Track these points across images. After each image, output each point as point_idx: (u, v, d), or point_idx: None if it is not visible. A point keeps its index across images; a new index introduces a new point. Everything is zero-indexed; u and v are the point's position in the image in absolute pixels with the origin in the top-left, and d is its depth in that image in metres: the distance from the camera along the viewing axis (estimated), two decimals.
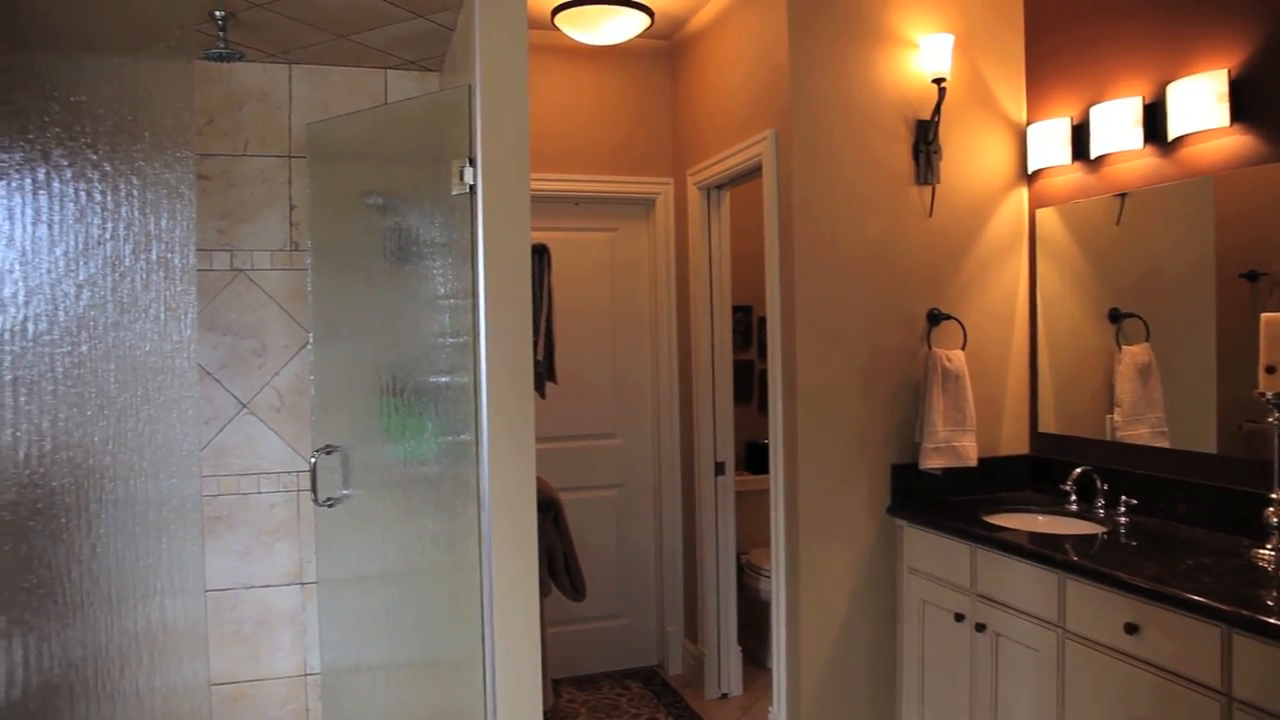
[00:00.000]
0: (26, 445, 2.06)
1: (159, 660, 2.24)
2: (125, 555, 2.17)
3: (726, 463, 4.16)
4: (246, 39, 3.04)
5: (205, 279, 3.18)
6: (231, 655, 3.28)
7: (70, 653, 2.11)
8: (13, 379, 2.04)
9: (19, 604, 2.05)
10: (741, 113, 3.63)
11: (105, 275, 2.14)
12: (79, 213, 2.12)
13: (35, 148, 2.09)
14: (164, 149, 2.26)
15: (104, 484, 2.15)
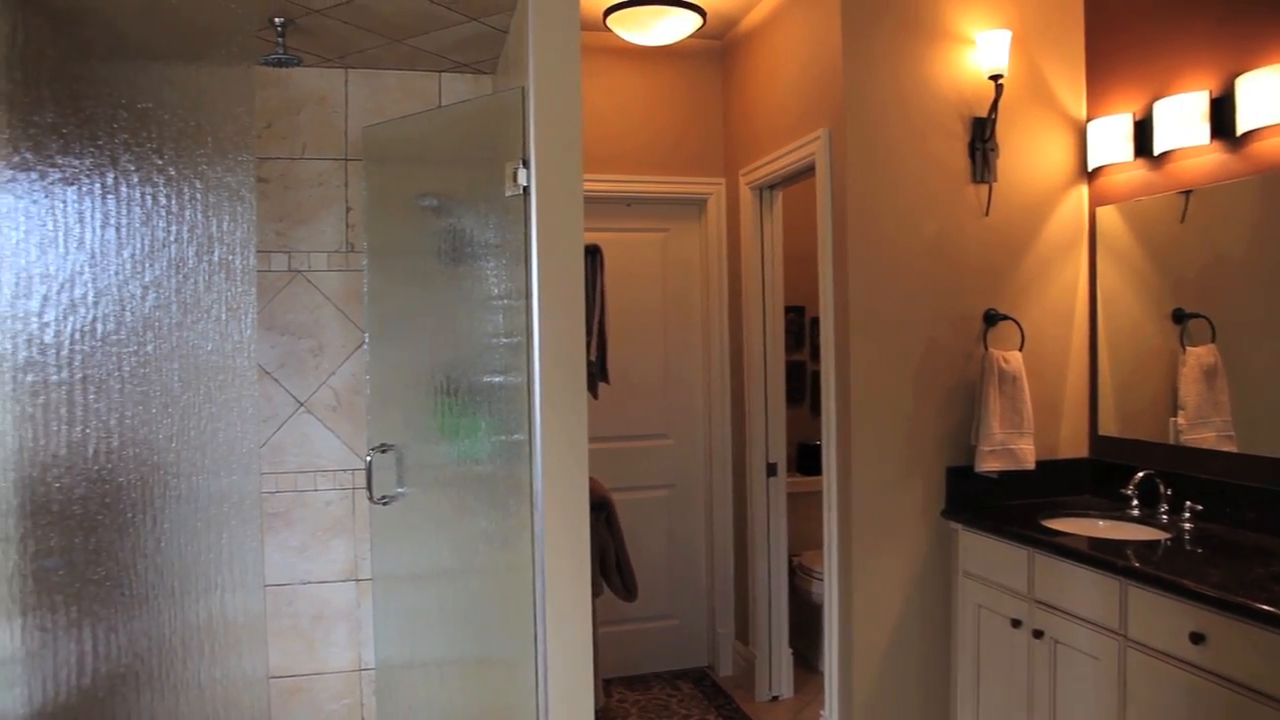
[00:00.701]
0: (95, 442, 2.12)
1: (220, 653, 2.29)
2: (188, 550, 2.22)
3: (778, 464, 4.13)
4: (305, 44, 3.09)
5: (264, 280, 3.24)
6: (289, 649, 3.34)
7: (136, 643, 2.17)
8: (83, 377, 2.11)
9: (88, 595, 2.11)
10: (794, 112, 3.61)
11: (170, 277, 2.20)
12: (145, 216, 2.18)
13: (104, 153, 2.15)
14: (226, 153, 2.31)
15: (168, 480, 2.20)
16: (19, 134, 2.12)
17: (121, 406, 2.13)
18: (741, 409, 4.28)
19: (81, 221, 2.12)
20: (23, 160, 2.10)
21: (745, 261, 4.17)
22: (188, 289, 2.21)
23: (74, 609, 2.08)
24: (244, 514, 2.31)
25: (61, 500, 2.09)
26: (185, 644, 2.23)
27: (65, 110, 2.16)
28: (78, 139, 2.12)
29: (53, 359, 2.07)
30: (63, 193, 2.11)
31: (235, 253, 2.27)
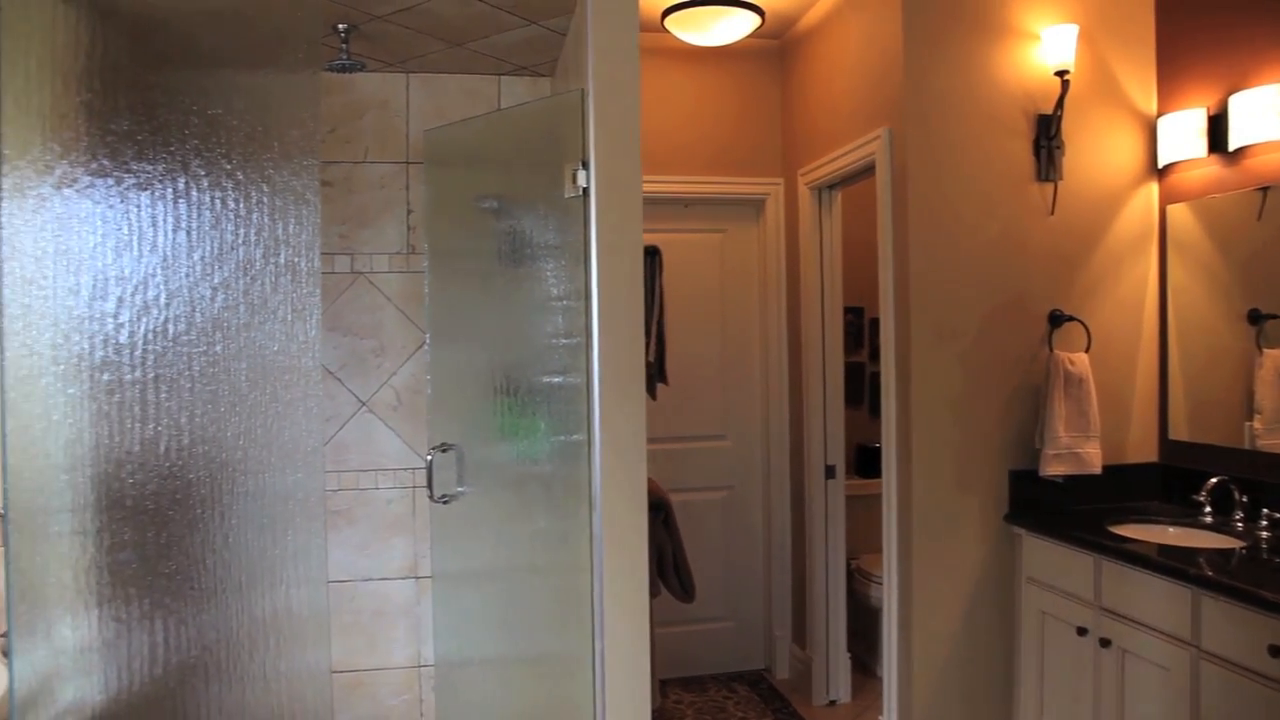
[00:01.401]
0: (167, 439, 2.19)
1: (285, 647, 2.34)
2: (254, 545, 2.27)
3: (837, 466, 4.09)
4: (367, 50, 3.15)
5: (327, 281, 3.30)
6: (350, 645, 3.40)
7: (205, 635, 2.22)
8: (155, 376, 2.17)
9: (160, 588, 2.18)
10: (854, 111, 3.57)
11: (238, 278, 2.25)
12: (214, 219, 2.23)
13: (176, 159, 2.21)
14: (291, 157, 2.36)
15: (235, 477, 2.26)
16: (96, 141, 2.20)
17: (191, 405, 2.19)
18: (799, 411, 4.25)
19: (155, 225, 2.18)
20: (100, 166, 2.18)
21: (804, 262, 4.14)
22: (255, 290, 2.27)
23: (146, 601, 2.15)
24: (308, 511, 2.36)
25: (135, 496, 2.16)
26: (252, 637, 2.29)
27: (140, 118, 2.23)
28: (151, 145, 2.19)
29: (127, 359, 2.14)
30: (137, 198, 2.18)
31: (300, 255, 2.31)
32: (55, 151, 2.12)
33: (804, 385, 4.18)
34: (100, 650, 2.09)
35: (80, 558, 2.09)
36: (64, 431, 2.09)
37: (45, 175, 2.09)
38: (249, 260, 2.26)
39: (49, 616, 2.04)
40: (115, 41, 2.26)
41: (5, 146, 2.00)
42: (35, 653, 2.00)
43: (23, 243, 2.04)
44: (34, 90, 2.07)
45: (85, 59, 2.19)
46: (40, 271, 2.07)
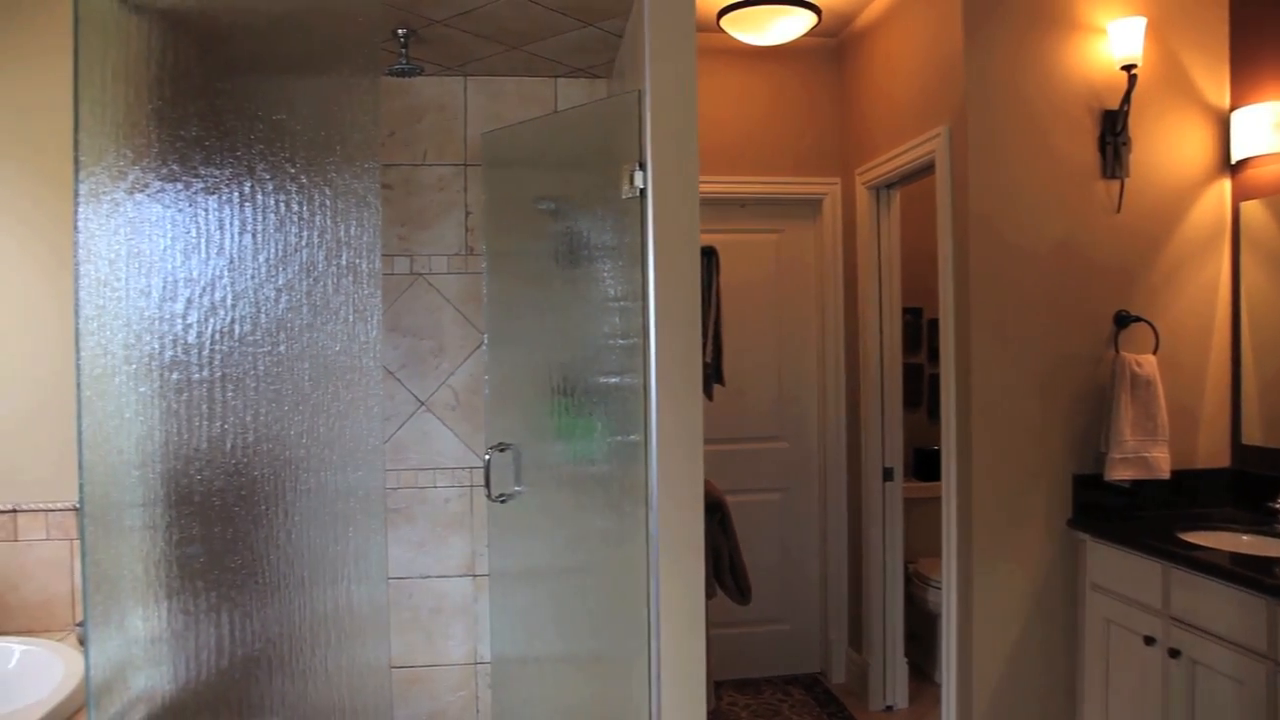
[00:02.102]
0: (233, 437, 2.24)
1: (346, 642, 2.38)
2: (317, 542, 2.31)
3: (895, 468, 4.04)
4: (426, 54, 3.19)
5: (387, 282, 3.35)
6: (408, 641, 3.44)
7: (269, 629, 2.27)
8: (222, 376, 2.22)
9: (226, 582, 2.23)
10: (912, 109, 3.52)
11: (301, 280, 2.30)
12: (279, 222, 2.28)
13: (242, 164, 2.26)
14: (353, 161, 2.40)
15: (298, 475, 2.30)
16: (167, 147, 2.26)
17: (256, 404, 2.24)
18: (857, 412, 4.21)
19: (222, 228, 2.24)
20: (170, 172, 2.24)
21: (861, 262, 4.10)
22: (318, 292, 2.31)
23: (213, 594, 2.20)
24: (369, 509, 2.39)
25: (202, 492, 2.22)
26: (314, 632, 2.33)
27: (208, 124, 2.29)
28: (219, 150, 2.24)
29: (195, 358, 2.19)
30: (205, 201, 2.24)
31: (362, 256, 2.35)
32: (128, 158, 2.19)
33: (861, 387, 4.14)
34: (170, 641, 2.15)
35: (151, 551, 2.15)
36: (135, 429, 2.15)
37: (119, 181, 2.15)
38: (312, 262, 2.30)
39: (122, 607, 2.11)
40: (184, 50, 2.32)
41: (81, 153, 2.06)
42: (109, 642, 2.06)
43: (98, 246, 2.11)
44: (108, 99, 2.13)
45: (156, 68, 2.26)
46: (114, 274, 2.13)
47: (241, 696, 2.25)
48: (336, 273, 2.32)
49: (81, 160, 2.07)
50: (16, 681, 2.39)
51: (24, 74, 2.79)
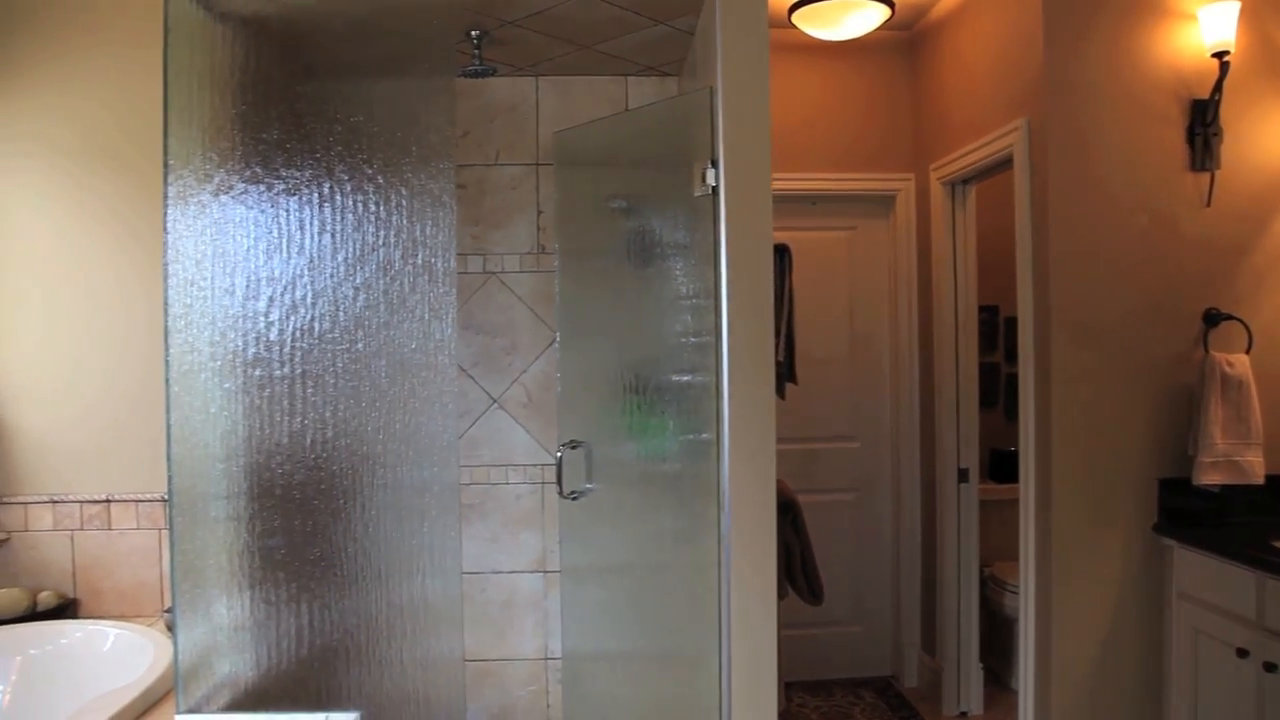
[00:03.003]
0: (312, 432, 2.29)
1: (421, 634, 2.42)
2: (393, 535, 2.36)
3: (970, 470, 3.96)
4: (499, 55, 3.22)
5: (460, 281, 3.39)
6: (480, 635, 3.49)
7: (347, 620, 2.32)
8: (302, 372, 2.28)
9: (306, 573, 2.28)
10: (990, 102, 3.45)
11: (378, 279, 2.34)
12: (356, 222, 2.33)
13: (321, 165, 2.32)
14: (428, 161, 2.44)
15: (375, 470, 2.35)
16: (250, 150, 2.33)
17: (335, 400, 2.29)
18: (931, 413, 4.13)
19: (301, 229, 2.29)
20: (253, 174, 2.30)
21: (936, 260, 4.03)
22: (394, 290, 2.35)
23: (294, 585, 2.26)
24: (444, 504, 2.43)
25: (283, 485, 2.28)
26: (390, 624, 2.37)
27: (289, 127, 2.35)
28: (299, 153, 2.30)
29: (276, 355, 2.25)
30: (286, 202, 2.30)
31: (437, 255, 2.39)
32: (213, 160, 2.26)
33: (936, 386, 4.07)
34: (252, 629, 2.21)
35: (234, 542, 2.22)
36: (220, 423, 2.22)
37: (205, 183, 2.22)
38: (389, 261, 2.34)
39: (207, 595, 2.17)
40: (266, 55, 2.39)
41: (170, 157, 2.14)
42: (196, 629, 2.13)
43: (185, 246, 2.18)
44: (195, 104, 2.20)
45: (240, 73, 2.32)
46: (200, 273, 2.20)
47: (320, 685, 2.31)
48: (413, 271, 2.36)
49: (170, 164, 2.14)
50: (111, 663, 2.49)
51: (120, 82, 2.90)
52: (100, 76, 2.90)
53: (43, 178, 2.90)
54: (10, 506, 2.89)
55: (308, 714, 2.07)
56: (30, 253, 2.90)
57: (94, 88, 2.90)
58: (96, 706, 2.07)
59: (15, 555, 2.89)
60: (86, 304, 2.92)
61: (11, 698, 2.47)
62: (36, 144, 2.90)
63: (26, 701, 2.46)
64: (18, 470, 2.90)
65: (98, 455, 2.91)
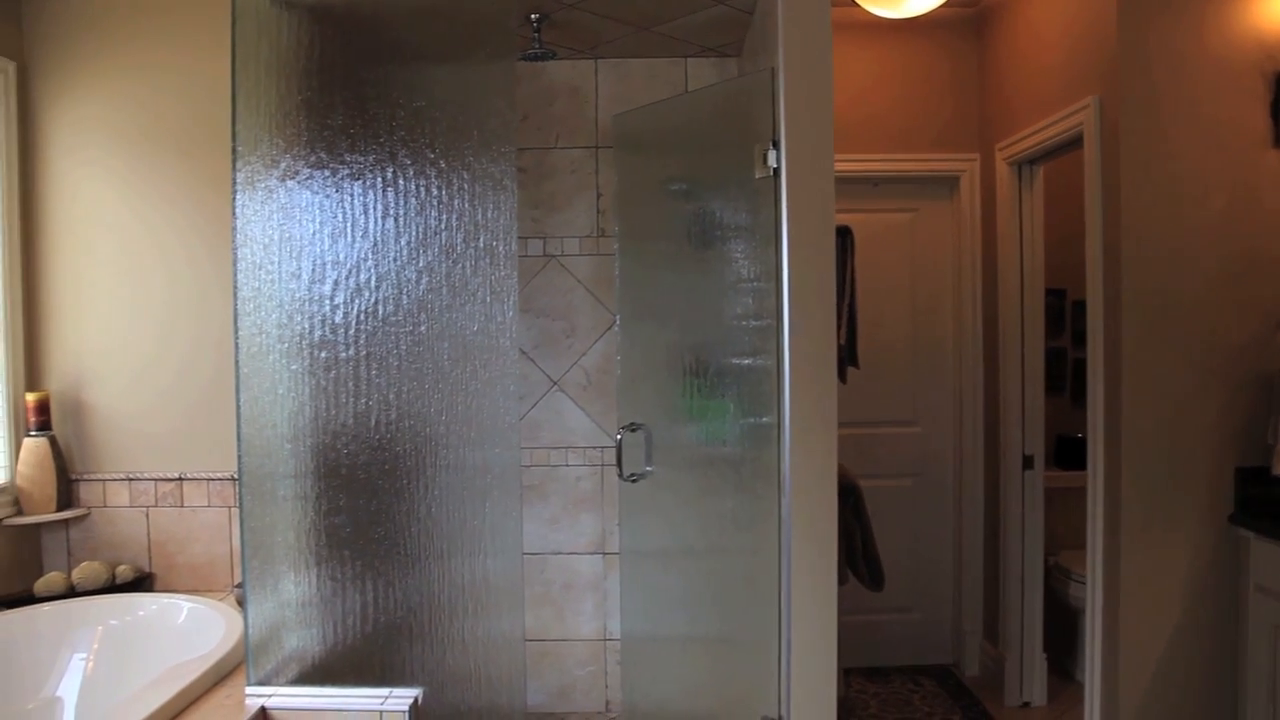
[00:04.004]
0: (377, 413, 2.33)
1: (482, 613, 2.45)
2: (455, 516, 2.39)
3: (1035, 456, 3.88)
4: (558, 38, 3.22)
5: (521, 264, 3.42)
6: (540, 615, 3.53)
7: (410, 598, 2.37)
8: (367, 354, 2.32)
9: (370, 552, 2.33)
10: (1059, 79, 3.35)
11: (440, 262, 2.37)
12: (419, 206, 2.36)
13: (385, 150, 2.35)
14: (489, 145, 2.46)
15: (438, 451, 2.38)
16: (315, 136, 2.36)
17: (399, 382, 2.33)
18: (995, 398, 4.06)
19: (366, 213, 2.33)
20: (318, 159, 2.34)
21: (1002, 242, 3.94)
22: (456, 273, 2.38)
23: (359, 563, 2.30)
24: (505, 485, 2.46)
25: (349, 465, 2.32)
26: (452, 602, 2.41)
27: (353, 112, 2.38)
28: (363, 138, 2.33)
29: (342, 338, 2.29)
30: (350, 187, 2.33)
31: (499, 239, 2.41)
32: (280, 146, 2.30)
33: (1000, 371, 3.99)
34: (318, 606, 2.27)
35: (301, 520, 2.27)
36: (288, 404, 2.27)
37: (271, 169, 2.27)
38: (451, 245, 2.37)
39: (276, 572, 2.23)
40: (330, 43, 2.42)
41: (238, 144, 2.18)
42: (265, 603, 2.18)
43: (253, 231, 2.23)
44: (261, 91, 2.25)
45: (305, 60, 2.36)
46: (267, 257, 2.25)
47: (384, 661, 2.36)
48: (474, 255, 2.38)
49: (238, 150, 2.19)
50: (185, 635, 2.57)
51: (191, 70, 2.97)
52: (171, 64, 2.97)
53: (121, 165, 2.98)
54: (90, 483, 2.99)
55: (372, 689, 2.12)
56: (108, 240, 2.99)
57: (165, 76, 2.98)
58: (172, 676, 2.14)
59: (95, 530, 3.00)
60: (163, 290, 3.00)
61: (94, 664, 2.57)
62: (112, 132, 2.98)
63: (108, 669, 2.56)
64: (97, 449, 3.01)
65: (171, 435, 3.00)
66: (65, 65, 2.96)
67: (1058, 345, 4.79)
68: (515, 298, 2.46)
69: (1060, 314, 4.82)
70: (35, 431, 2.88)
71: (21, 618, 2.60)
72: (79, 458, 3.00)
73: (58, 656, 2.56)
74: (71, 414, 2.99)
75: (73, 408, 2.99)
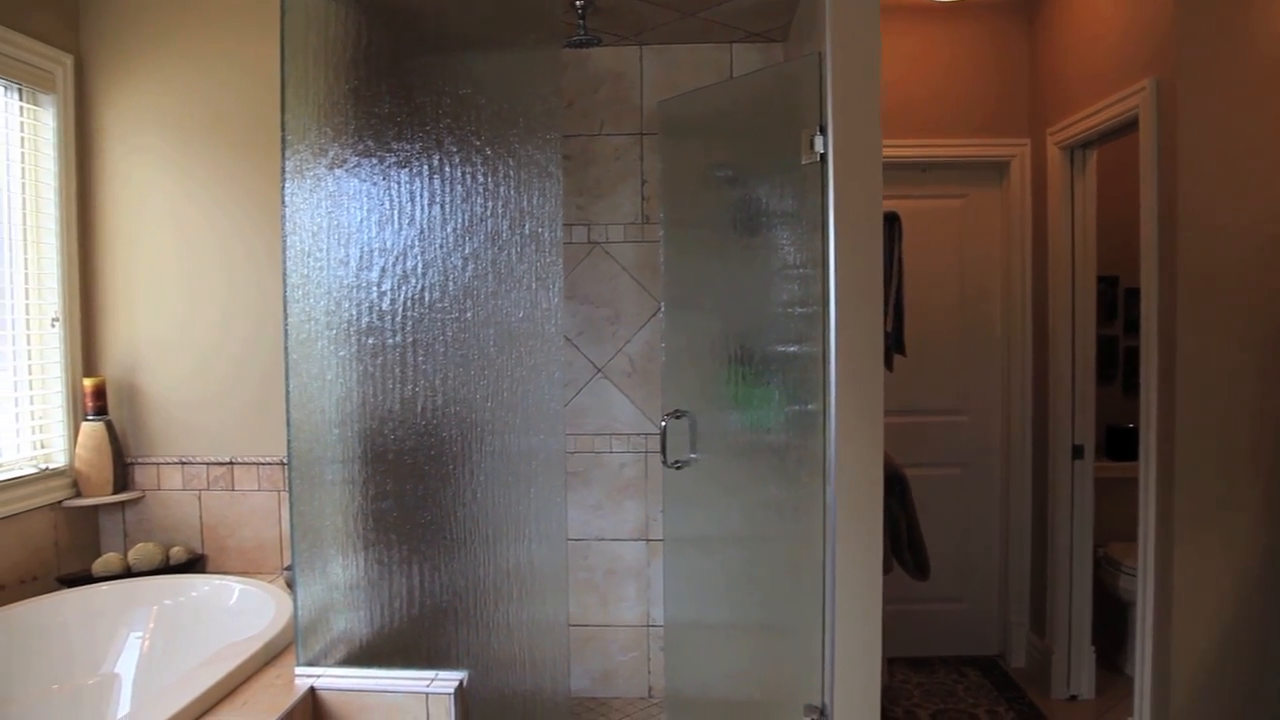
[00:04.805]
0: (423, 399, 2.36)
1: (526, 598, 2.47)
2: (500, 501, 2.41)
3: (1085, 446, 3.82)
4: (603, 25, 3.22)
5: (565, 251, 3.42)
6: (583, 601, 3.55)
7: (455, 582, 2.39)
8: (413, 341, 2.34)
9: (417, 536, 2.36)
10: (1113, 61, 3.28)
11: (486, 249, 2.38)
12: (465, 193, 2.37)
13: (431, 138, 2.36)
14: (535, 132, 2.46)
15: (484, 436, 2.40)
16: (362, 124, 2.39)
17: (445, 368, 2.35)
18: (1044, 387, 3.99)
19: (412, 200, 2.35)
20: (365, 147, 2.36)
21: (1053, 228, 3.87)
22: (502, 260, 2.39)
23: (405, 547, 2.33)
24: (550, 471, 2.47)
25: (395, 451, 2.35)
26: (497, 587, 2.43)
27: (399, 100, 2.40)
28: (409, 126, 2.35)
29: (389, 324, 2.32)
30: (397, 175, 2.35)
31: (544, 226, 2.41)
32: (328, 135, 2.32)
33: (1050, 359, 3.92)
34: (365, 589, 2.30)
35: (349, 504, 2.31)
36: (336, 390, 2.30)
37: (320, 157, 2.29)
38: (496, 231, 2.38)
39: (324, 555, 2.27)
40: (377, 32, 2.44)
41: (287, 133, 2.21)
42: (314, 586, 2.22)
43: (302, 219, 2.26)
44: (310, 81, 2.27)
45: (352, 50, 2.38)
46: (316, 244, 2.28)
47: (430, 644, 2.39)
48: (520, 242, 2.39)
49: (287, 139, 2.22)
50: (236, 616, 2.62)
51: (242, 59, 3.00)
52: (222, 54, 3.01)
53: (175, 153, 3.04)
54: (145, 467, 3.06)
55: (417, 671, 2.15)
56: (163, 229, 3.05)
57: (217, 65, 3.02)
58: (225, 655, 2.19)
59: (150, 512, 3.07)
60: (218, 277, 3.05)
61: (150, 643, 2.63)
62: (166, 121, 3.03)
63: (163, 647, 2.62)
64: (151, 433, 3.07)
65: (222, 420, 3.06)
66: (119, 56, 3.02)
67: (1109, 333, 4.70)
68: (560, 284, 2.47)
69: (1112, 301, 4.73)
70: (92, 416, 2.95)
71: (81, 597, 2.67)
72: (134, 442, 3.06)
73: (115, 634, 2.62)
74: (126, 399, 3.05)
75: (128, 393, 3.05)
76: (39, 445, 2.90)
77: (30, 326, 2.88)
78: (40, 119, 2.90)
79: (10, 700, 2.36)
